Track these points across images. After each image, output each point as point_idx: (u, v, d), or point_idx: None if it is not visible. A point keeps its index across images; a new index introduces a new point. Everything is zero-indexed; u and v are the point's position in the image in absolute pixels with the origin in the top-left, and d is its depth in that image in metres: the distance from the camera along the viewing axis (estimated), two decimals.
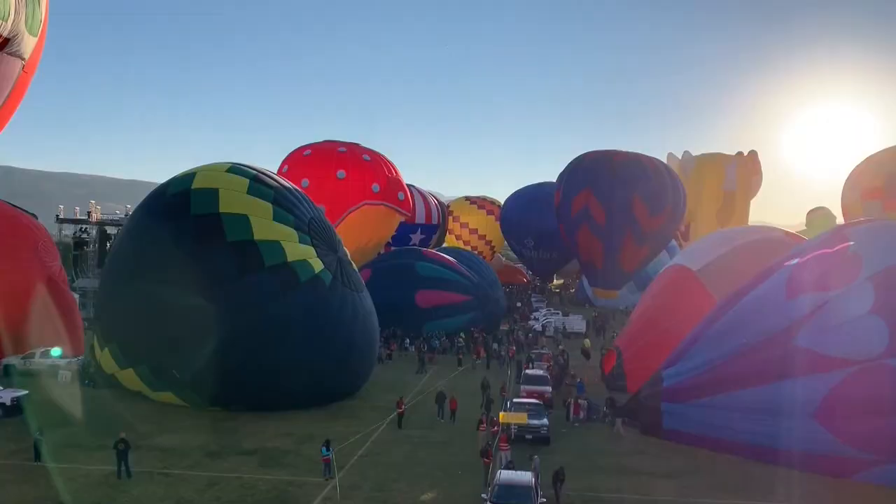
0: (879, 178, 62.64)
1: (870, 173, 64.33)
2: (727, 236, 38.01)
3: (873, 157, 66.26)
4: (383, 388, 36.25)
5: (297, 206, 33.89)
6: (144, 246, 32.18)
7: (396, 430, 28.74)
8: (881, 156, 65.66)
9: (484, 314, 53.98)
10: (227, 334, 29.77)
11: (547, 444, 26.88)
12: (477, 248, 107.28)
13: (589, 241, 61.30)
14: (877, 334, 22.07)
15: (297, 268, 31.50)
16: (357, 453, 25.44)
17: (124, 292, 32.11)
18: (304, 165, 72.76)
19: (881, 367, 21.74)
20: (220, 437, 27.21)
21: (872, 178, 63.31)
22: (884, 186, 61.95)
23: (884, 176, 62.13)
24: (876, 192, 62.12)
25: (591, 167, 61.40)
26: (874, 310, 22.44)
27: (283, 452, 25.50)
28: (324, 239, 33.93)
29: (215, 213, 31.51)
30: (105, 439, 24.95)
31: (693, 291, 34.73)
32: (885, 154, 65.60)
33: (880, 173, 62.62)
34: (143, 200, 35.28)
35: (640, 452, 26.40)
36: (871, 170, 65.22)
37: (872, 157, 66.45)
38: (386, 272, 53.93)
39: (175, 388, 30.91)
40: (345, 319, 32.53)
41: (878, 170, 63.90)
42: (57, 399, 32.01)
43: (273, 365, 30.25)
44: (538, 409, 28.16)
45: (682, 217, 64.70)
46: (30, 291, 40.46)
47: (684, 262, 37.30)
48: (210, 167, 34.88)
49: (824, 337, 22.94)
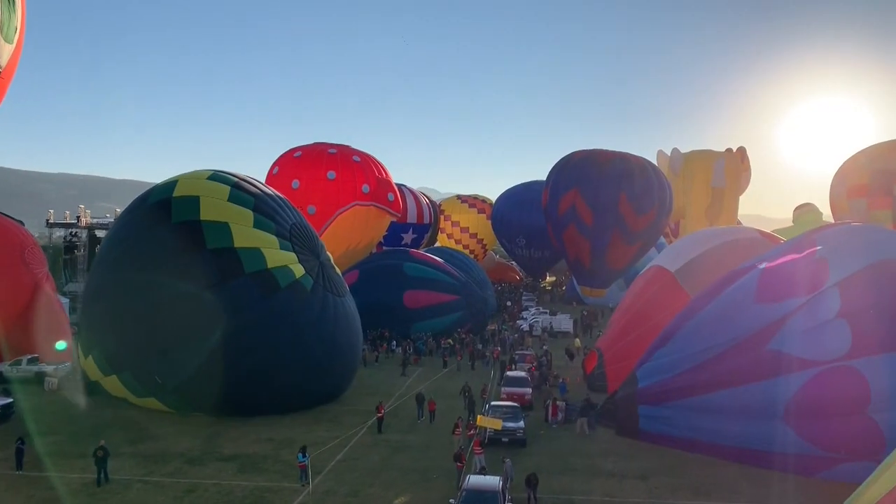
0: (864, 175, 61.98)
1: (855, 171, 63.96)
2: (704, 237, 38.40)
3: (859, 154, 65.79)
4: (367, 391, 36.70)
5: (279, 213, 34.22)
6: (126, 254, 32.47)
7: (376, 434, 29.10)
8: (866, 153, 64.83)
9: (471, 313, 54.37)
10: (208, 340, 30.05)
11: (523, 447, 27.31)
12: (469, 247, 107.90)
13: (576, 241, 61.63)
14: (841, 337, 22.47)
15: (277, 274, 31.82)
16: (336, 458, 25.83)
17: (106, 300, 32.44)
18: (294, 167, 73.25)
19: (844, 369, 22.15)
20: (202, 443, 27.57)
21: (858, 175, 62.93)
22: (868, 184, 61.16)
23: (868, 174, 61.58)
24: (861, 190, 61.76)
25: (578, 167, 61.70)
26: (840, 315, 22.84)
27: (262, 458, 25.87)
28: (306, 244, 34.26)
29: (196, 220, 31.83)
30: (86, 447, 25.39)
31: (671, 292, 35.08)
32: (870, 151, 64.66)
33: (865, 171, 62.16)
34: (126, 208, 35.66)
35: (615, 454, 26.80)
36: (856, 167, 64.21)
37: (858, 154, 65.98)
38: (374, 273, 54.34)
39: (158, 394, 31.25)
40: (326, 324, 32.88)
41: (863, 167, 62.75)
42: (41, 406, 32.45)
43: (254, 370, 30.61)
44: (515, 412, 28.56)
45: (669, 215, 64.95)
46: (16, 299, 40.84)
47: (663, 262, 37.70)
48: (191, 175, 35.23)
49: (792, 341, 23.35)
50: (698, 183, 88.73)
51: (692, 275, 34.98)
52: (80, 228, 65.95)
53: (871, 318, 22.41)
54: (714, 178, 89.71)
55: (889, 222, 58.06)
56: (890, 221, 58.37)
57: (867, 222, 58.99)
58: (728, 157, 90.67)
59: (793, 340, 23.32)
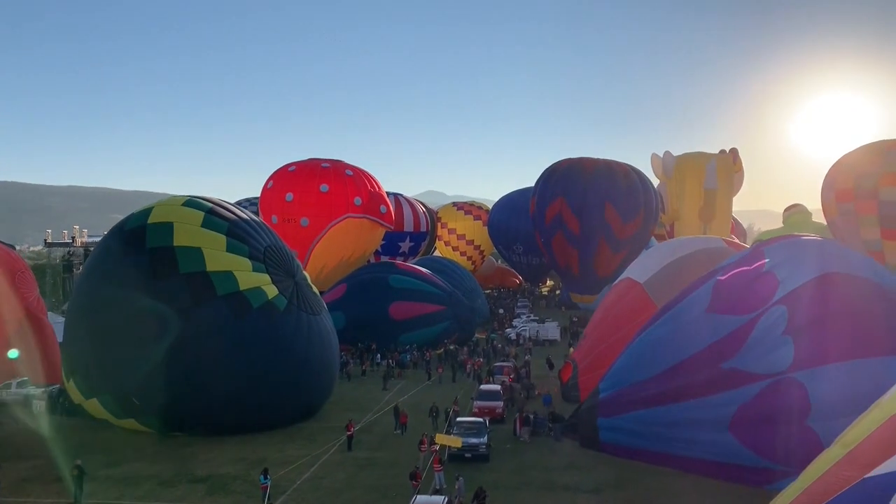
0: (850, 180, 60.85)
1: (842, 175, 62.92)
2: (672, 248, 39.06)
3: (845, 157, 64.64)
4: (346, 406, 37.48)
5: (252, 236, 35.09)
6: (102, 279, 33.40)
7: (346, 451, 29.84)
8: (851, 156, 63.63)
9: (458, 323, 55.08)
10: (183, 361, 31.00)
11: (486, 461, 27.99)
12: (466, 254, 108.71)
13: (564, 249, 62.32)
14: (785, 351, 23.09)
15: (249, 295, 32.69)
16: (303, 477, 26.59)
17: (84, 325, 33.38)
18: (288, 180, 74.65)
19: (787, 381, 22.77)
20: (176, 465, 28.38)
21: (844, 180, 61.90)
22: (854, 189, 60.05)
23: (853, 178, 60.43)
24: (848, 195, 60.73)
25: (563, 176, 62.40)
26: (787, 332, 23.47)
27: (232, 478, 26.64)
28: (280, 265, 35.14)
29: (169, 246, 32.71)
30: (64, 471, 26.38)
31: (640, 303, 35.74)
32: (855, 155, 63.22)
33: (850, 175, 61.08)
34: (106, 234, 36.66)
35: (575, 467, 27.43)
36: (842, 171, 63.04)
37: (844, 157, 64.81)
38: (360, 286, 55.20)
39: (136, 416, 32.18)
40: (299, 342, 33.69)
41: (848, 171, 61.62)
42: (25, 430, 33.44)
43: (229, 389, 31.49)
44: (479, 428, 29.23)
45: (656, 222, 65.55)
46: (7, 323, 41.89)
47: (633, 274, 38.37)
48: (167, 201, 36.20)
49: (741, 355, 24.00)
50: (691, 185, 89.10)
51: (660, 286, 35.62)
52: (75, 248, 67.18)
53: (813, 330, 23.02)
54: (706, 180, 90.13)
55: (876, 226, 57.70)
56: (877, 225, 57.88)
57: (856, 227, 59.00)
58: (719, 158, 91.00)
59: (741, 355, 23.94)
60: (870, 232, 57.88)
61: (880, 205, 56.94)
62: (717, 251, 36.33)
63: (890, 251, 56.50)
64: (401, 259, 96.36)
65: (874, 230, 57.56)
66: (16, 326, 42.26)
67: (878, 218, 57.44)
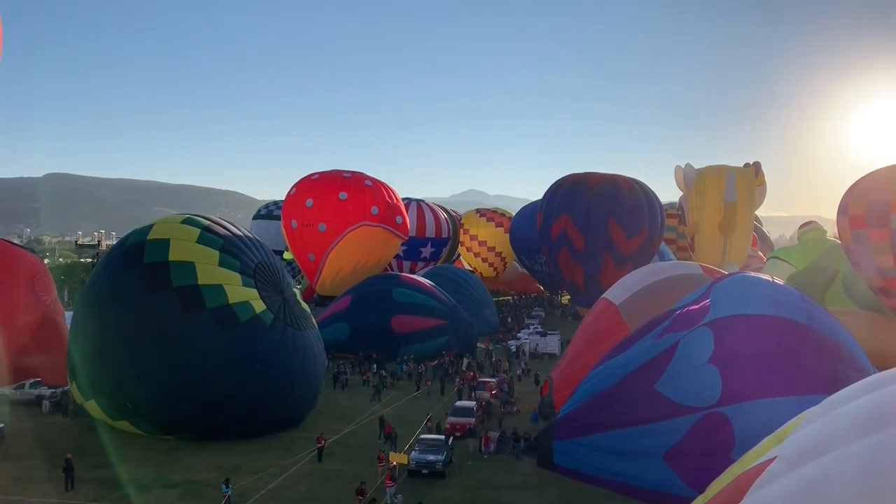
0: (861, 206, 58.75)
1: (854, 201, 60.59)
2: (650, 272, 39.88)
3: (859, 182, 62.24)
4: (332, 416, 39.34)
5: (245, 253, 37.13)
6: (103, 289, 35.83)
7: (316, 463, 31.60)
8: (864, 181, 61.29)
9: (458, 337, 56.52)
10: (173, 369, 33.27)
11: (443, 478, 29.52)
12: (488, 260, 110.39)
13: (570, 264, 63.36)
14: (713, 383, 24.16)
15: (237, 309, 34.74)
16: (267, 487, 28.42)
17: (85, 331, 35.78)
18: (310, 187, 77.56)
19: (715, 415, 23.80)
20: (157, 469, 30.47)
21: (856, 206, 59.74)
22: (865, 215, 58.10)
23: (864, 204, 58.27)
24: (860, 221, 58.73)
25: (568, 192, 63.45)
26: (713, 359, 24.56)
27: (204, 485, 28.59)
28: (270, 282, 37.13)
29: (165, 261, 34.93)
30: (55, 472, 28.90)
31: (613, 325, 36.82)
32: (867, 180, 60.78)
33: (862, 202, 58.89)
34: (111, 247, 39.09)
35: (527, 486, 28.88)
36: (854, 197, 60.70)
37: (857, 182, 62.42)
38: (365, 298, 57.04)
39: (130, 418, 34.45)
40: (283, 356, 35.60)
41: (860, 197, 59.39)
42: (31, 430, 35.98)
43: (214, 397, 33.53)
44: (439, 446, 30.75)
45: (661, 236, 66.16)
46: (25, 325, 44.64)
47: (610, 295, 39.34)
48: (168, 219, 38.61)
49: (672, 384, 25.13)
50: (710, 198, 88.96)
51: (633, 309, 36.65)
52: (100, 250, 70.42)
53: (740, 365, 24.03)
54: (726, 193, 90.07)
55: (889, 254, 56.59)
56: (889, 253, 56.82)
57: (869, 254, 58.12)
58: (740, 171, 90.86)
59: (672, 384, 25.07)
60: (883, 260, 56.73)
61: (892, 233, 55.24)
62: (692, 277, 37.13)
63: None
64: (422, 263, 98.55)
65: (887, 258, 56.32)
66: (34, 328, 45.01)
67: (890, 246, 55.87)
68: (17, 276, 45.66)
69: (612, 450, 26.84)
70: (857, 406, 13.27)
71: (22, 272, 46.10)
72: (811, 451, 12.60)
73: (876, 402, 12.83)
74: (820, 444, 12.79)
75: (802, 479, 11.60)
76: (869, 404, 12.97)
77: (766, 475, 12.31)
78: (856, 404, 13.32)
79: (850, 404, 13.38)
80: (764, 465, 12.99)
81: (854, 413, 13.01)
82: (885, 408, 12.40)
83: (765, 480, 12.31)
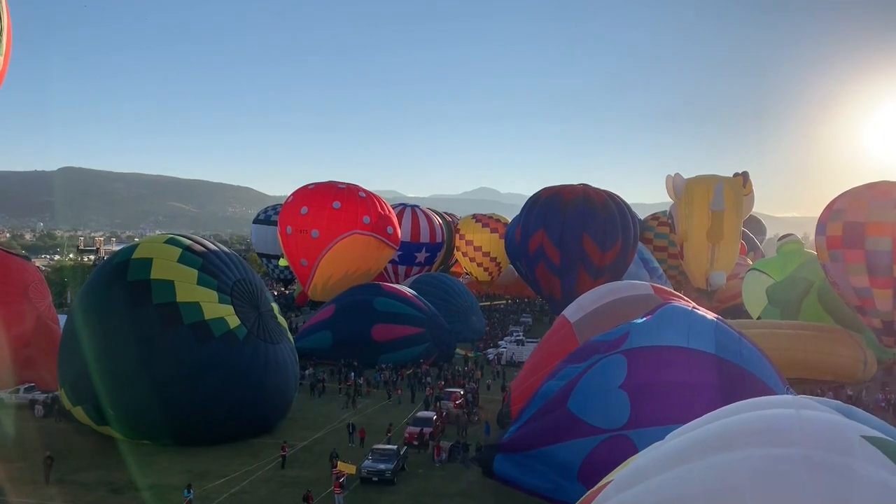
0: (838, 227, 59.44)
1: (831, 222, 60.96)
2: (604, 291, 41.99)
3: (835, 202, 62.52)
4: (305, 423, 42.04)
5: (223, 272, 39.80)
6: (90, 304, 38.63)
7: (279, 469, 34.16)
8: (840, 202, 61.50)
9: (436, 345, 59.04)
10: (152, 379, 36.02)
11: (392, 485, 32.09)
12: (483, 265, 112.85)
13: (547, 277, 65.73)
14: (621, 408, 26.58)
15: (212, 324, 37.45)
16: (230, 491, 31.02)
17: (73, 341, 38.50)
18: (306, 196, 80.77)
19: (621, 438, 26.23)
20: (133, 472, 33.19)
21: (833, 227, 60.33)
22: (842, 236, 58.79)
23: (841, 225, 59.01)
24: (837, 242, 59.48)
25: (544, 208, 65.79)
26: (623, 385, 26.99)
27: (172, 489, 31.08)
28: (246, 298, 39.80)
29: (147, 279, 37.72)
30: (39, 475, 31.66)
31: (567, 342, 39.03)
32: (843, 200, 61.12)
33: (839, 223, 59.46)
34: (99, 265, 41.95)
35: (466, 495, 31.30)
36: (832, 218, 61.07)
37: (834, 202, 62.63)
38: (347, 308, 59.71)
39: (112, 424, 37.24)
40: (256, 368, 38.28)
41: (837, 218, 59.94)
42: (21, 433, 38.80)
43: (189, 405, 36.30)
44: (390, 455, 33.29)
45: (635, 247, 68.29)
46: (21, 332, 47.49)
47: (567, 312, 41.59)
48: (152, 239, 41.78)
49: (586, 405, 27.59)
50: (699, 207, 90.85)
51: (585, 328, 38.93)
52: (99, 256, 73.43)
53: (647, 394, 26.44)
54: (713, 202, 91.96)
55: (864, 274, 56.86)
56: (865, 273, 56.63)
57: (846, 274, 58.65)
58: (728, 181, 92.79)
59: (585, 405, 27.51)
60: (859, 280, 56.90)
61: (867, 254, 56.57)
62: (643, 298, 39.39)
63: (880, 298, 56.33)
64: (417, 268, 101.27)
65: (863, 278, 56.31)
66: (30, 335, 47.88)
67: (865, 266, 57.17)
68: (13, 285, 48.44)
69: (540, 465, 29.29)
70: (682, 439, 15.55)
71: (17, 280, 48.88)
72: (633, 478, 14.96)
73: (694, 437, 15.07)
74: (641, 472, 15.13)
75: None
76: (690, 438, 15.20)
77: (600, 497, 14.71)
78: (685, 437, 15.58)
79: (680, 437, 15.67)
80: (603, 486, 15.41)
81: (676, 445, 15.31)
82: (696, 443, 14.57)
83: (598, 501, 14.71)
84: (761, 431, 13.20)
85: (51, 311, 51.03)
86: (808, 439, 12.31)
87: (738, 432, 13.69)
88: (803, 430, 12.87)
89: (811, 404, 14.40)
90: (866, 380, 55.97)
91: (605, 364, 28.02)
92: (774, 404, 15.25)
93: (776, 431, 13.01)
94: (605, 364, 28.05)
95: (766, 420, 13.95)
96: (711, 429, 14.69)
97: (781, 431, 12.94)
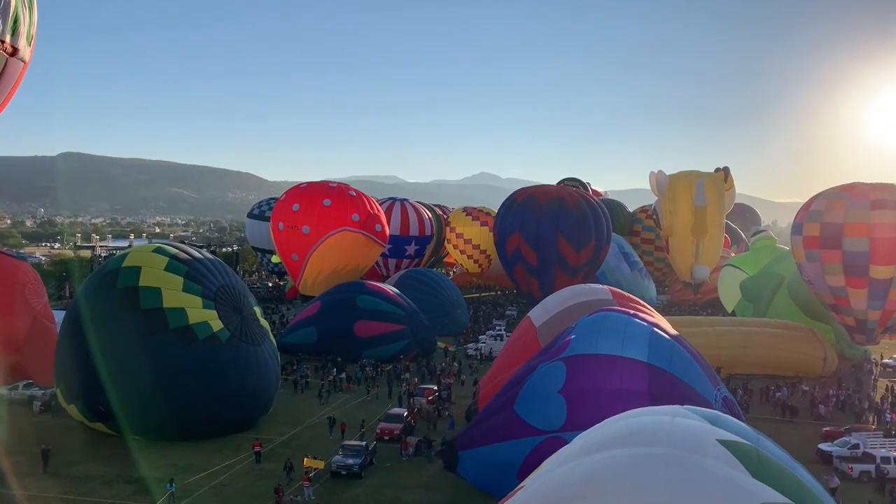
0: (815, 228, 60.47)
1: (808, 222, 61.84)
2: (567, 295, 44.23)
3: (812, 202, 63.36)
4: (285, 418, 44.84)
5: (208, 278, 42.55)
6: (83, 309, 41.41)
7: (256, 464, 36.84)
8: (818, 202, 62.23)
9: (416, 342, 61.70)
10: (140, 380, 38.97)
11: (359, 478, 34.92)
12: (473, 257, 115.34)
13: (525, 277, 68.49)
14: (559, 411, 29.26)
15: (196, 328, 40.28)
16: (210, 484, 33.87)
17: (67, 343, 41.39)
18: (299, 194, 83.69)
19: (558, 439, 28.84)
20: (122, 467, 35.96)
21: (810, 227, 61.24)
22: (820, 237, 59.90)
23: (819, 226, 60.09)
24: (814, 242, 60.57)
25: (519, 210, 68.40)
26: (562, 391, 29.67)
27: (157, 481, 33.90)
28: (229, 303, 42.58)
29: (135, 286, 40.53)
30: (36, 467, 34.61)
31: (530, 345, 41.61)
32: (821, 201, 62.01)
33: (816, 223, 60.52)
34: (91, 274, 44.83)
35: (427, 487, 34.10)
36: (809, 218, 61.88)
37: (811, 201, 63.56)
38: (331, 305, 62.43)
39: (103, 421, 40.12)
40: (237, 368, 41.08)
41: (815, 219, 60.90)
42: (20, 428, 41.70)
43: (176, 404, 39.21)
44: (358, 451, 36.06)
45: (608, 246, 70.78)
46: (18, 332, 50.11)
47: (533, 315, 44.05)
48: (141, 248, 44.64)
49: (528, 407, 30.29)
50: (682, 203, 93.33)
51: (547, 331, 41.50)
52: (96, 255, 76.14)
53: (584, 399, 29.08)
54: (696, 198, 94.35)
55: (840, 274, 58.02)
56: (841, 273, 58.25)
57: (822, 274, 59.37)
58: (708, 177, 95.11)
59: (527, 407, 30.21)
60: (835, 280, 58.84)
61: (844, 255, 57.90)
62: (600, 303, 41.92)
63: (855, 297, 58.20)
64: (407, 261, 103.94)
65: (839, 278, 58.40)
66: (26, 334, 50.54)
67: (842, 267, 58.51)
68: (10, 287, 51.03)
69: (489, 461, 32.08)
70: (580, 440, 18.16)
71: (14, 281, 51.44)
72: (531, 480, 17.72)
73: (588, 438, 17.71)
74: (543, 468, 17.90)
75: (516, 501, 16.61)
76: (584, 439, 17.83)
77: (513, 499, 17.39)
78: (583, 439, 18.19)
79: (581, 439, 18.26)
80: (518, 489, 18.11)
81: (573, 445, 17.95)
82: (586, 443, 17.23)
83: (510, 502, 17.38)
84: (633, 434, 16.01)
85: (47, 311, 53.52)
86: (670, 441, 15.00)
87: (616, 435, 16.73)
88: (668, 434, 15.84)
89: (685, 413, 17.42)
90: (825, 376, 58.59)
91: (548, 370, 30.71)
92: (657, 413, 18.19)
93: (645, 434, 15.75)
94: (547, 370, 30.75)
95: (641, 425, 16.95)
96: (600, 431, 17.66)
97: (649, 434, 15.67)
